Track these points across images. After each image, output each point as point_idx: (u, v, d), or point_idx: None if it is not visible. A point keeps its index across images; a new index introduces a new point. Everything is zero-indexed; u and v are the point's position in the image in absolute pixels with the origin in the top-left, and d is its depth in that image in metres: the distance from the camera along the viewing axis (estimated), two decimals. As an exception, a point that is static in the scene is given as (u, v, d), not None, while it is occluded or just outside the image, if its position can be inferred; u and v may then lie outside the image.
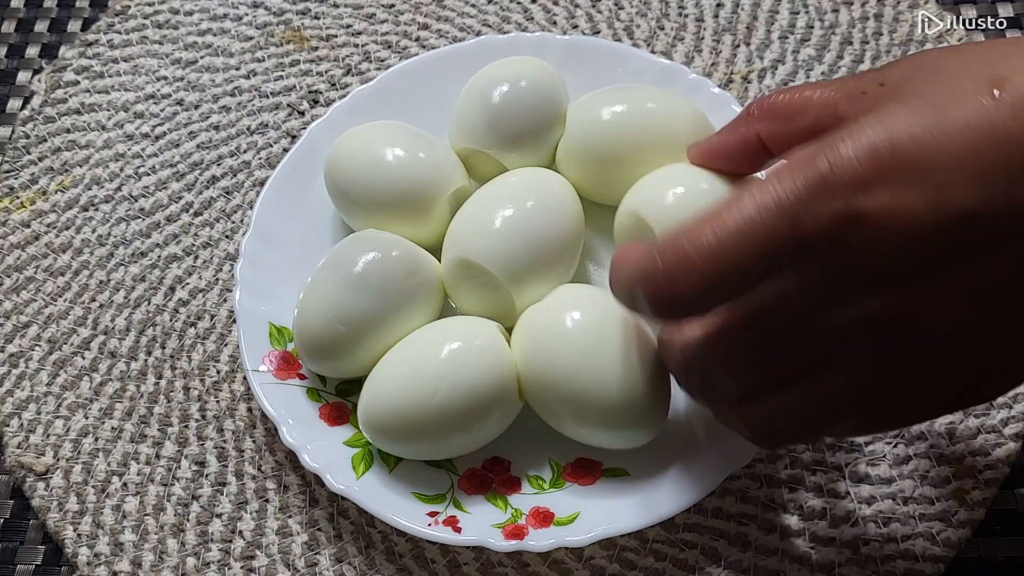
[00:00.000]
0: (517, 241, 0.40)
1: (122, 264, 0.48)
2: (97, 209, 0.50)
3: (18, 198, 0.50)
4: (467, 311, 0.42)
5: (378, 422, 0.38)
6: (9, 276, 0.48)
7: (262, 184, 0.50)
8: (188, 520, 0.42)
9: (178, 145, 0.52)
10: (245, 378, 0.44)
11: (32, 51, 0.56)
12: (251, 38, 0.55)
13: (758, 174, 0.36)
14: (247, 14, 0.56)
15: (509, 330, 0.40)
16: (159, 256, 0.48)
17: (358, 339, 0.40)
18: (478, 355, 0.38)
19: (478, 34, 0.54)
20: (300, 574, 0.41)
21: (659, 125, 0.42)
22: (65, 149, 0.52)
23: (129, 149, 0.52)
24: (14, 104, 0.54)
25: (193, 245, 0.49)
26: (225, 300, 0.47)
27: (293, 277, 0.44)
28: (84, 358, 0.46)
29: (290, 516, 0.42)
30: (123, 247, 0.49)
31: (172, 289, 0.48)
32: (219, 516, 0.42)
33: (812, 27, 0.54)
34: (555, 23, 0.55)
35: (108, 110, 0.53)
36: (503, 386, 0.38)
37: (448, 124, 0.46)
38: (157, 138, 0.52)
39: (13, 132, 0.52)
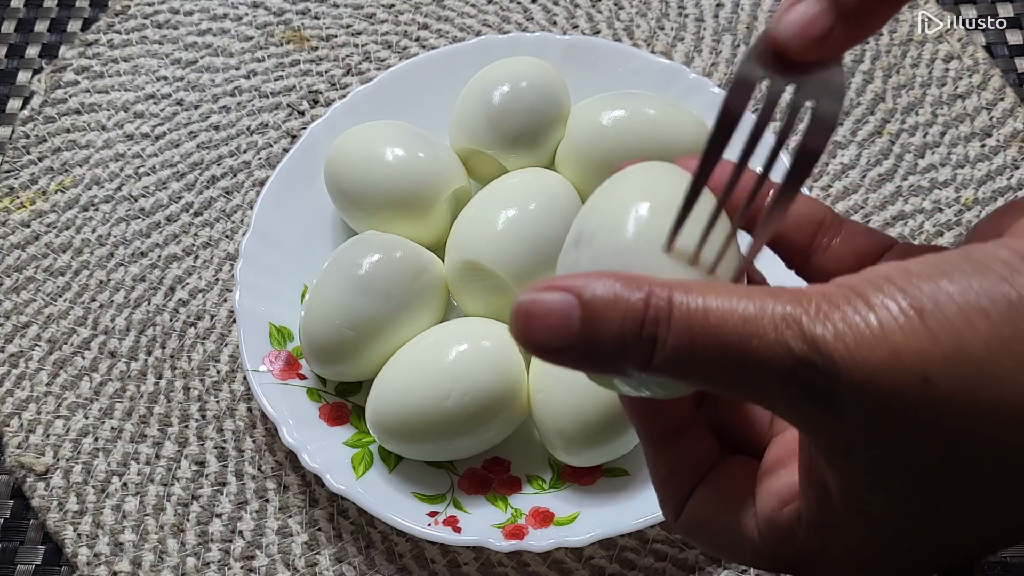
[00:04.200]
0: (523, 243, 0.40)
1: (122, 264, 0.48)
2: (97, 209, 0.50)
3: (18, 198, 0.50)
4: (471, 312, 0.42)
5: (388, 423, 0.38)
6: (9, 276, 0.48)
7: (262, 184, 0.50)
8: (188, 520, 0.42)
9: (178, 145, 0.52)
10: (245, 378, 0.44)
11: (32, 51, 0.56)
12: (251, 38, 0.55)
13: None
14: (247, 14, 0.56)
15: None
16: (159, 256, 0.48)
17: (366, 342, 0.40)
18: (489, 358, 0.38)
19: (478, 34, 0.54)
20: (300, 574, 0.41)
21: (658, 131, 0.42)
22: (65, 149, 0.52)
23: (129, 149, 0.52)
24: (14, 104, 0.54)
25: (193, 245, 0.49)
26: (225, 300, 0.47)
27: (293, 277, 0.44)
28: (84, 358, 0.46)
29: (290, 516, 0.42)
30: (123, 247, 0.49)
31: (172, 289, 0.48)
32: (219, 516, 0.42)
33: (812, 27, 0.54)
34: (555, 23, 0.55)
35: (108, 110, 0.53)
36: (513, 390, 0.38)
37: (448, 124, 0.46)
38: (157, 138, 0.52)
39: (13, 132, 0.52)
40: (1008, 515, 0.20)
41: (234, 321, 0.46)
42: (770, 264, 0.26)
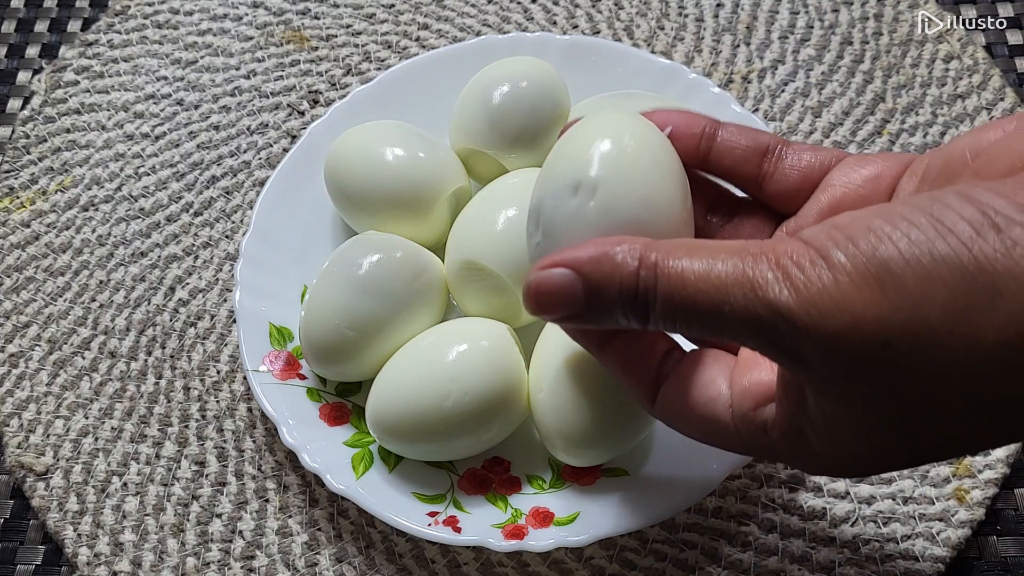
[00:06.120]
0: (523, 243, 0.40)
1: (122, 264, 0.48)
2: (97, 209, 0.50)
3: (18, 198, 0.50)
4: (471, 312, 0.42)
5: (388, 423, 0.38)
6: (9, 276, 0.48)
7: (262, 184, 0.50)
8: (188, 520, 0.42)
9: (178, 145, 0.52)
10: (245, 378, 0.44)
11: (32, 51, 0.56)
12: (251, 38, 0.55)
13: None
14: (247, 14, 0.56)
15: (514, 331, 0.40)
16: (159, 256, 0.48)
17: (366, 343, 0.40)
18: (489, 358, 0.38)
19: (478, 34, 0.54)
20: (300, 574, 0.41)
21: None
22: (65, 149, 0.52)
23: (129, 149, 0.52)
24: (14, 104, 0.54)
25: (193, 245, 0.49)
26: (225, 300, 0.47)
27: (293, 277, 0.44)
28: (84, 358, 0.46)
29: (290, 516, 0.42)
30: (123, 247, 0.49)
31: (172, 289, 0.48)
32: (219, 516, 0.42)
33: (812, 27, 0.54)
34: (555, 23, 0.55)
35: (108, 110, 0.53)
36: (513, 390, 0.38)
37: (448, 124, 0.46)
38: (157, 138, 0.52)
39: (13, 132, 0.52)
40: (948, 437, 0.23)
41: (234, 321, 0.46)
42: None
